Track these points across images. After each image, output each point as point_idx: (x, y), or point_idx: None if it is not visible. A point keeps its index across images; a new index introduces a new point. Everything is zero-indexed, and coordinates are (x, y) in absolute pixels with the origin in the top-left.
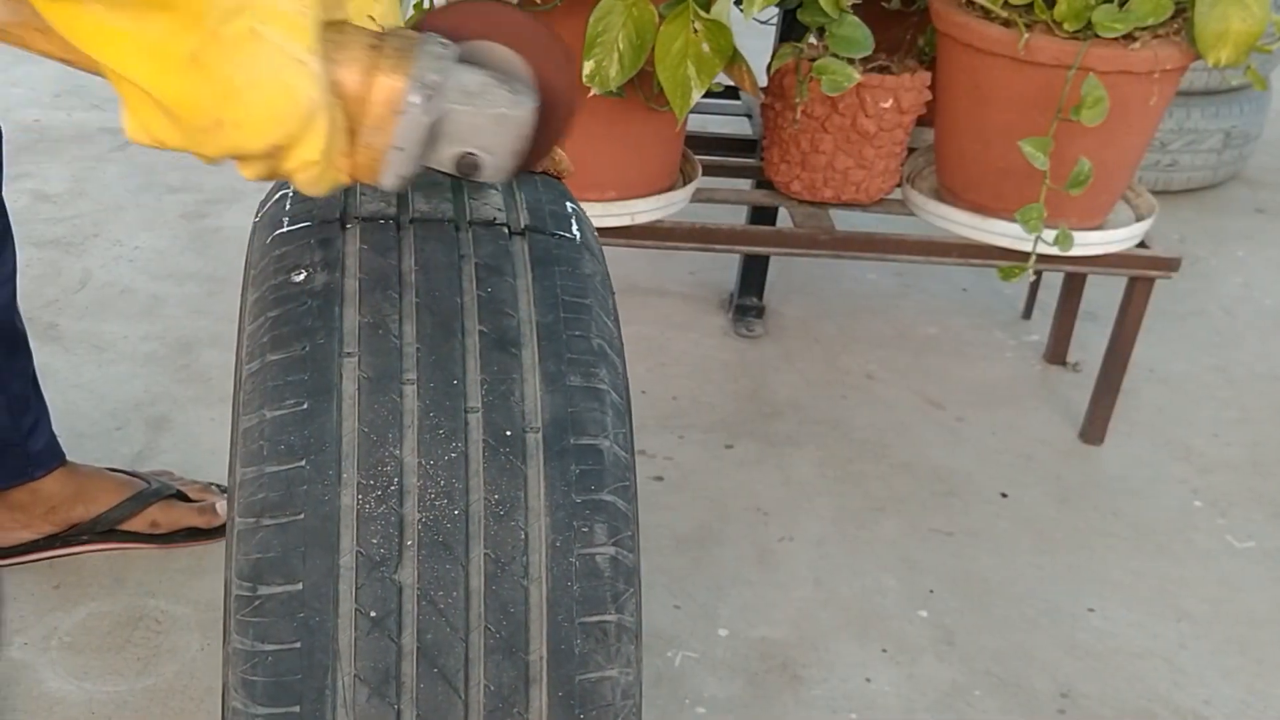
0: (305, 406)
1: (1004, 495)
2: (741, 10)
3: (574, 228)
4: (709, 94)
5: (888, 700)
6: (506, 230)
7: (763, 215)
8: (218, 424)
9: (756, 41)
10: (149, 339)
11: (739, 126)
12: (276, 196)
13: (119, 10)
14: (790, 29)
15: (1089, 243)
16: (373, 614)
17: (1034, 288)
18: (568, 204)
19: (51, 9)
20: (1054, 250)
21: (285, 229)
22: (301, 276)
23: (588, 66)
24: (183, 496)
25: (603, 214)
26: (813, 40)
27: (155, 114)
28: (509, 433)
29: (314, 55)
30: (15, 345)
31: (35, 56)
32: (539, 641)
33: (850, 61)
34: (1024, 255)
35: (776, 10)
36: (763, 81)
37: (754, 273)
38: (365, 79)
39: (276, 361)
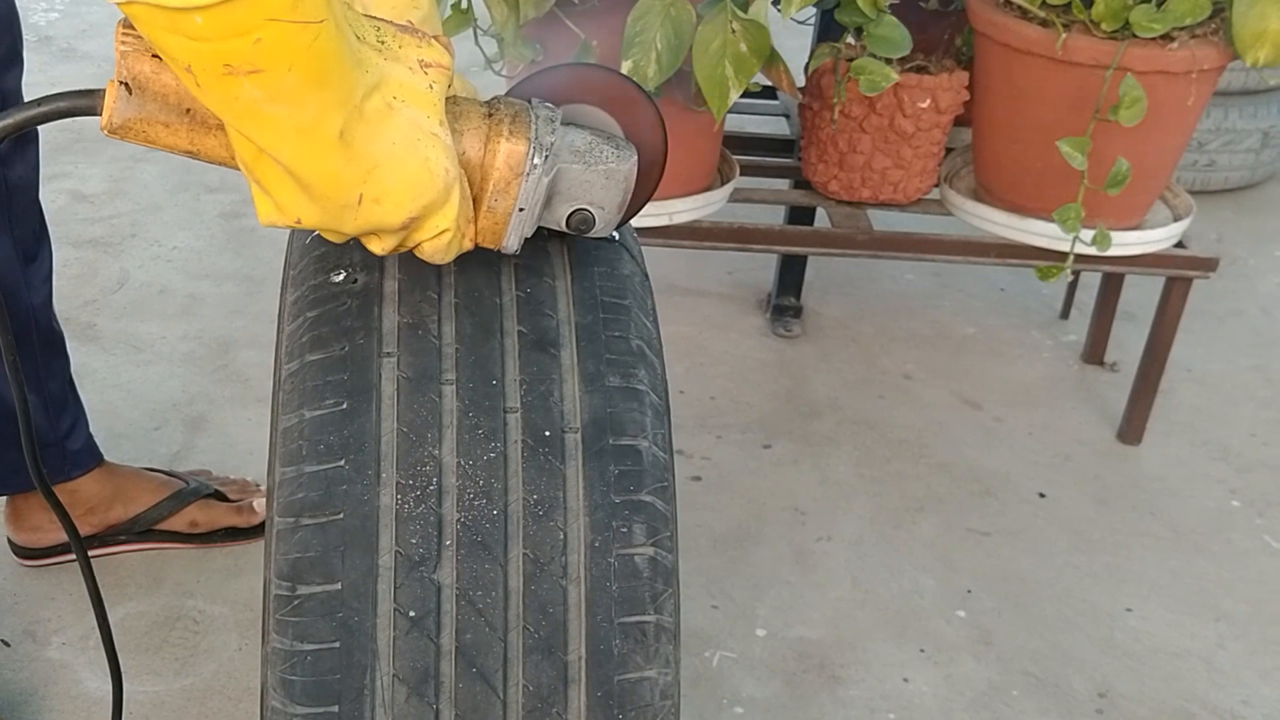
0: (344, 406)
1: (1041, 495)
2: (779, 10)
3: None
4: (747, 94)
5: (925, 700)
6: (545, 231)
7: (800, 215)
8: (255, 424)
9: (794, 41)
10: (187, 339)
11: (777, 126)
12: None
13: (279, 99)
14: (828, 29)
15: (1127, 243)
16: (411, 614)
17: (1072, 288)
18: None
19: (212, 89)
20: (1092, 250)
21: None
22: (341, 276)
23: (625, 66)
24: (221, 496)
25: (641, 214)
26: (850, 40)
27: (295, 194)
28: (548, 433)
29: (444, 128)
30: (52, 345)
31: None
32: (578, 641)
33: (888, 61)
34: (1062, 255)
35: (814, 10)
36: (800, 81)
37: (792, 273)
38: (486, 145)
39: (316, 361)
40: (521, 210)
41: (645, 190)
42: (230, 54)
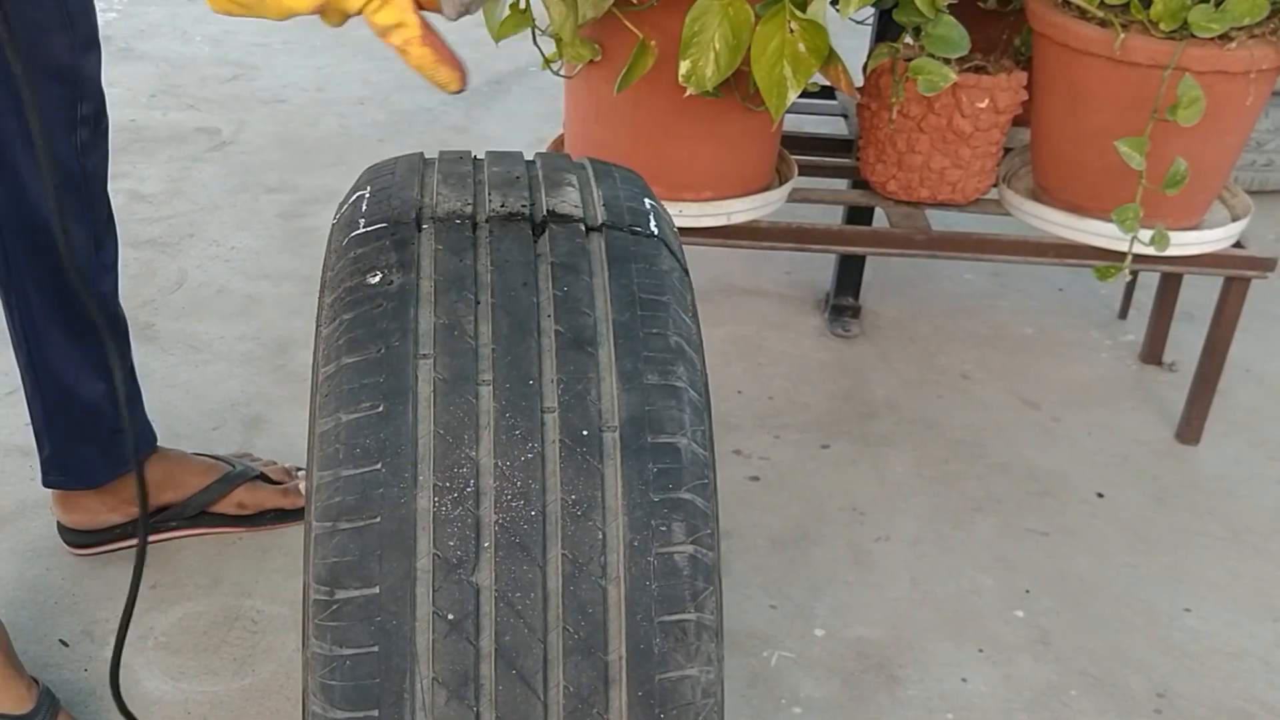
0: (381, 409)
1: (1100, 495)
2: (837, 10)
3: (652, 224)
4: (805, 94)
5: (984, 701)
6: (583, 227)
7: (859, 215)
8: None
9: (852, 41)
10: (245, 339)
11: (835, 126)
12: (353, 198)
13: None
14: (886, 29)
15: (1185, 243)
16: (450, 616)
17: (1130, 288)
18: (646, 200)
19: None
20: (1150, 250)
21: (361, 230)
22: (377, 278)
23: (683, 66)
24: (265, 478)
25: (699, 214)
26: (909, 40)
27: None
28: (586, 432)
29: None
30: (118, 331)
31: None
32: (618, 641)
33: (946, 61)
34: (1120, 255)
35: (872, 10)
36: (859, 81)
37: (850, 273)
38: None
39: (352, 364)
40: None
41: None
42: None
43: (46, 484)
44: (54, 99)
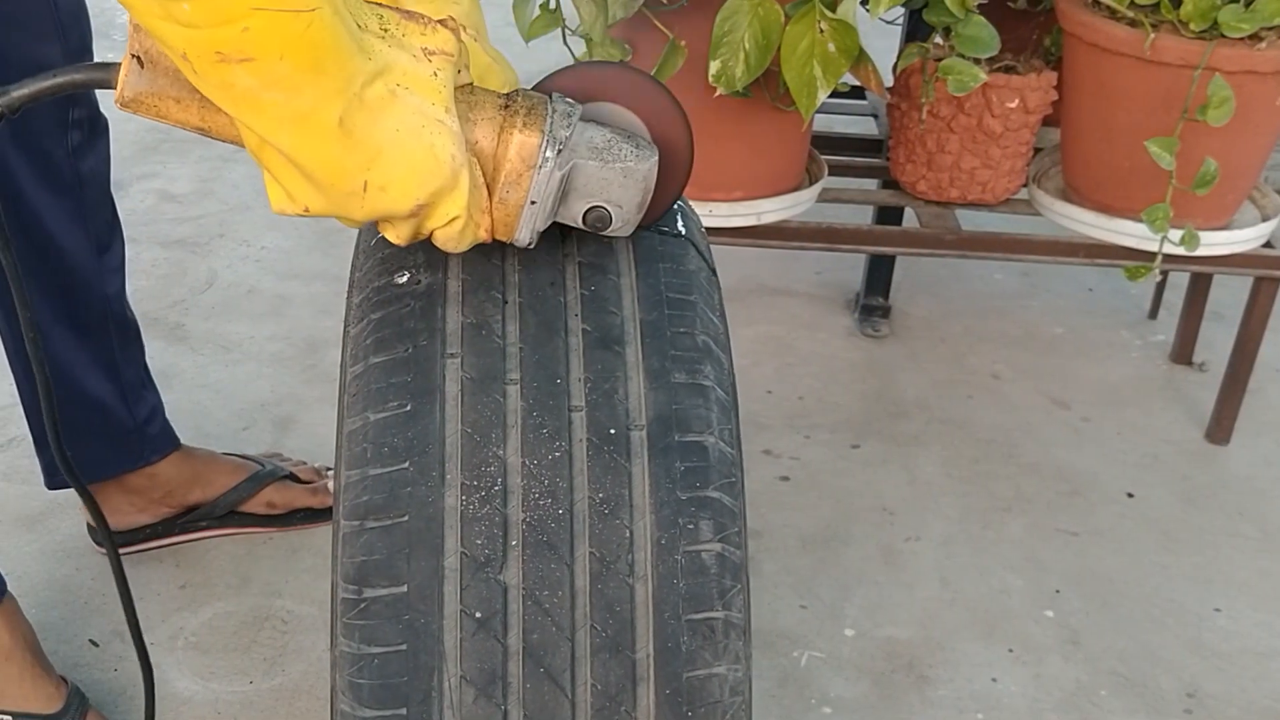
0: (408, 408)
1: (1130, 495)
2: (867, 10)
3: (679, 223)
4: (835, 94)
5: (1014, 700)
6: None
7: (889, 215)
8: None
9: (882, 41)
10: (275, 339)
11: (865, 126)
12: None
13: (273, 86)
14: (916, 29)
15: (1215, 243)
16: (478, 615)
17: (1160, 288)
18: None
19: (207, 76)
20: (1180, 250)
21: None
22: (405, 278)
23: (713, 66)
24: (294, 478)
25: (729, 214)
26: (939, 40)
27: (301, 182)
28: (613, 431)
29: (451, 115)
30: (127, 334)
31: None
32: (645, 639)
33: (976, 61)
34: (1150, 255)
35: (902, 10)
36: (889, 81)
37: (880, 272)
38: (500, 136)
39: (379, 364)
40: (533, 203)
41: (668, 192)
42: (221, 41)
43: (53, 485)
44: (45, 103)
